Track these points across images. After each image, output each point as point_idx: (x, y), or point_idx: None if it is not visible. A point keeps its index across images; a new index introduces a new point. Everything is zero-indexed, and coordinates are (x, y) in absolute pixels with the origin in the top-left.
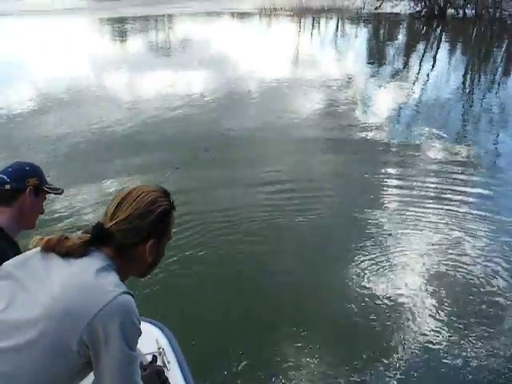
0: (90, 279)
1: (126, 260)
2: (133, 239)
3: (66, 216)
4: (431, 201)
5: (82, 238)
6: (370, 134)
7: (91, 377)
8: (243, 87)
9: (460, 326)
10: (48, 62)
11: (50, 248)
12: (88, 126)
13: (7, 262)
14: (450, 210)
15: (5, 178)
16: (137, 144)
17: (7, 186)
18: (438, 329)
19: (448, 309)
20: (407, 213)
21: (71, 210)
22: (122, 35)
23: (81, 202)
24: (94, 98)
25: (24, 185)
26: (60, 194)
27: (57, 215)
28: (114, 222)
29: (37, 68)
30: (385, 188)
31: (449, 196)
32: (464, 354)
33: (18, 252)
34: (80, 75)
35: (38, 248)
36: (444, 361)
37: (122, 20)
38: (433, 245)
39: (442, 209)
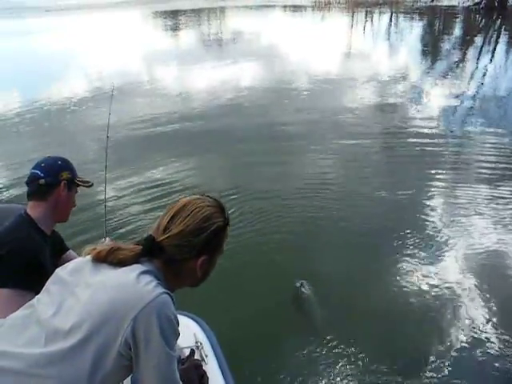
0: (131, 281)
1: (176, 273)
2: (184, 255)
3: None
4: (486, 200)
5: (134, 250)
6: (423, 131)
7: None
8: (294, 81)
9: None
10: (102, 55)
11: (100, 259)
12: (138, 118)
13: (60, 267)
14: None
15: (38, 173)
16: (186, 135)
17: (42, 181)
18: (486, 335)
19: (499, 313)
20: (460, 212)
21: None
22: (174, 28)
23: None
24: (145, 90)
25: (58, 179)
26: (90, 186)
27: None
28: (166, 236)
29: (90, 61)
30: (435, 188)
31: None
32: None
33: (53, 246)
34: (132, 67)
35: (89, 257)
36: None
37: (174, 13)
38: (486, 246)
39: (498, 209)
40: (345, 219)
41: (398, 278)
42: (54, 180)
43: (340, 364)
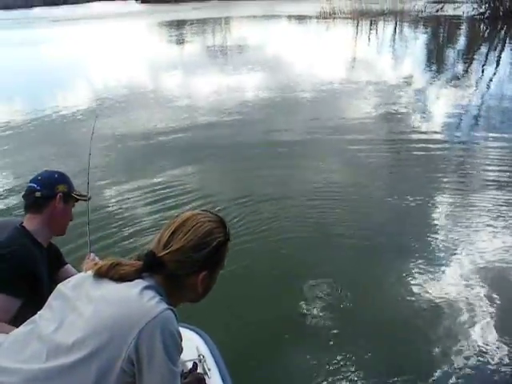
0: (134, 296)
1: (177, 288)
2: (185, 270)
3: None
4: (494, 206)
5: (135, 266)
6: (428, 138)
7: None
8: (299, 90)
9: None
10: (108, 65)
11: (102, 274)
12: (142, 128)
13: (62, 283)
14: None
15: (35, 186)
16: (189, 146)
17: (37, 194)
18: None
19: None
20: (467, 219)
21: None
22: (180, 38)
23: (134, 202)
24: (150, 100)
25: (53, 192)
26: (87, 200)
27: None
28: (166, 251)
29: (96, 71)
30: (442, 194)
31: None
32: None
33: (49, 258)
34: (137, 78)
35: (90, 272)
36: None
37: (180, 23)
38: (493, 252)
39: (506, 215)
40: (350, 225)
41: (403, 283)
42: (49, 192)
43: (345, 375)
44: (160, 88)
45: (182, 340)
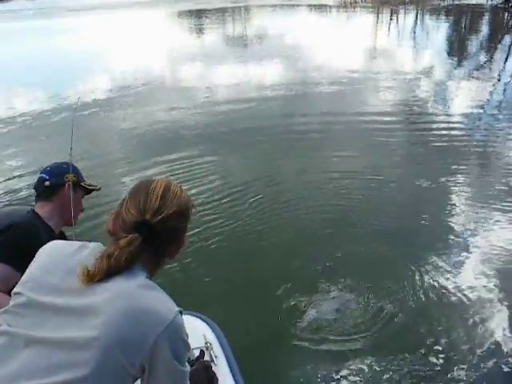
0: (143, 303)
1: (158, 259)
2: (176, 235)
3: None
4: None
5: (133, 242)
6: (446, 131)
7: None
8: (318, 80)
9: None
10: (127, 54)
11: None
12: (161, 117)
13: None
14: None
15: (44, 176)
16: (207, 133)
17: (47, 183)
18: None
19: None
20: (488, 208)
21: None
22: (199, 27)
23: None
24: (169, 88)
25: (62, 180)
26: (97, 190)
27: None
28: (159, 217)
29: (115, 60)
30: (462, 182)
31: None
32: None
33: None
34: (157, 67)
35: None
36: None
37: (199, 12)
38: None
39: None
40: (370, 210)
41: (419, 273)
42: (58, 181)
43: (355, 364)
44: (179, 76)
45: (188, 338)
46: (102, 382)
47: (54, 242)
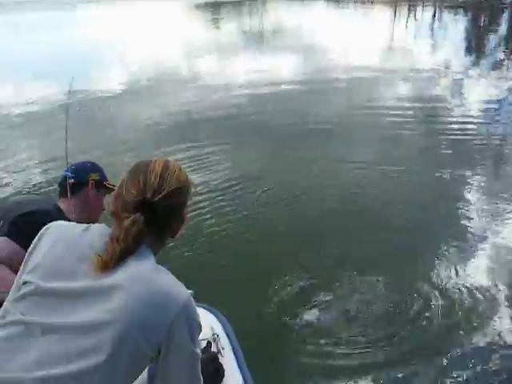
0: (157, 285)
1: (161, 239)
2: (177, 213)
3: None
4: None
5: (137, 222)
6: (463, 125)
7: None
8: (334, 73)
9: None
10: (144, 46)
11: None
12: (177, 107)
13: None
14: None
15: (68, 173)
16: (222, 125)
17: (71, 181)
18: None
19: None
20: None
21: None
22: (215, 20)
23: None
24: (185, 80)
25: (86, 178)
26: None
27: None
28: (160, 196)
29: (132, 52)
30: (474, 187)
31: None
32: None
33: None
34: (173, 59)
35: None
36: None
37: (215, 5)
38: None
39: None
40: (386, 202)
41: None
42: (82, 179)
43: (365, 359)
44: (195, 69)
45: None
46: (120, 366)
47: (58, 223)
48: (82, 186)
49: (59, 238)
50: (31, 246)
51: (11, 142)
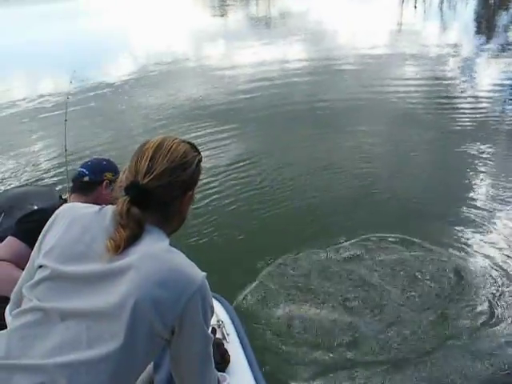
0: (173, 265)
1: (167, 220)
2: (175, 193)
3: None
4: None
5: (124, 203)
6: (474, 108)
7: None
8: (343, 58)
9: None
10: (152, 35)
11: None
12: (185, 96)
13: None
14: None
15: (84, 171)
16: (231, 111)
17: (86, 178)
18: None
19: None
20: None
21: None
22: (221, 7)
23: None
24: (193, 68)
25: (101, 177)
26: None
27: None
28: (150, 177)
29: (139, 41)
30: (482, 168)
31: None
32: None
33: None
34: (179, 47)
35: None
36: None
37: None
38: None
39: None
40: (394, 188)
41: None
42: (97, 178)
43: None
44: (203, 57)
45: None
46: (137, 348)
47: (73, 205)
48: (96, 185)
49: (74, 220)
50: (46, 226)
51: (17, 133)
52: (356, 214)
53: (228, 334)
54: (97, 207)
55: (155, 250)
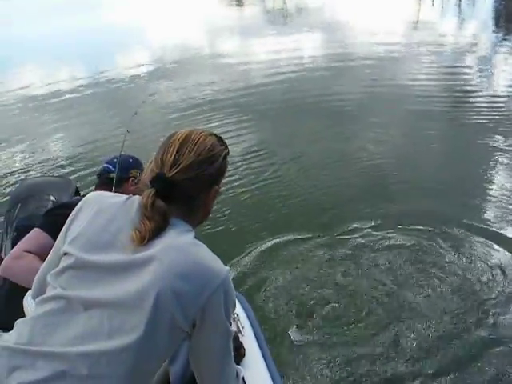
0: (197, 257)
1: (192, 213)
2: (201, 186)
3: None
4: None
5: (149, 195)
6: (491, 102)
7: None
8: (357, 52)
9: None
10: (165, 27)
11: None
12: (200, 88)
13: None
14: None
15: (110, 167)
16: (246, 104)
17: (112, 175)
18: None
19: None
20: None
21: None
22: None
23: None
24: (208, 61)
25: (127, 175)
26: None
27: None
28: (177, 169)
29: (153, 34)
30: (498, 164)
31: None
32: None
33: None
34: (194, 40)
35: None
36: None
37: None
38: None
39: None
40: (406, 179)
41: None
42: (123, 175)
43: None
44: (219, 49)
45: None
46: (157, 340)
47: (100, 193)
48: (122, 182)
49: (101, 209)
50: (72, 213)
51: (35, 124)
52: (373, 204)
53: (243, 327)
54: (124, 197)
55: (179, 243)
